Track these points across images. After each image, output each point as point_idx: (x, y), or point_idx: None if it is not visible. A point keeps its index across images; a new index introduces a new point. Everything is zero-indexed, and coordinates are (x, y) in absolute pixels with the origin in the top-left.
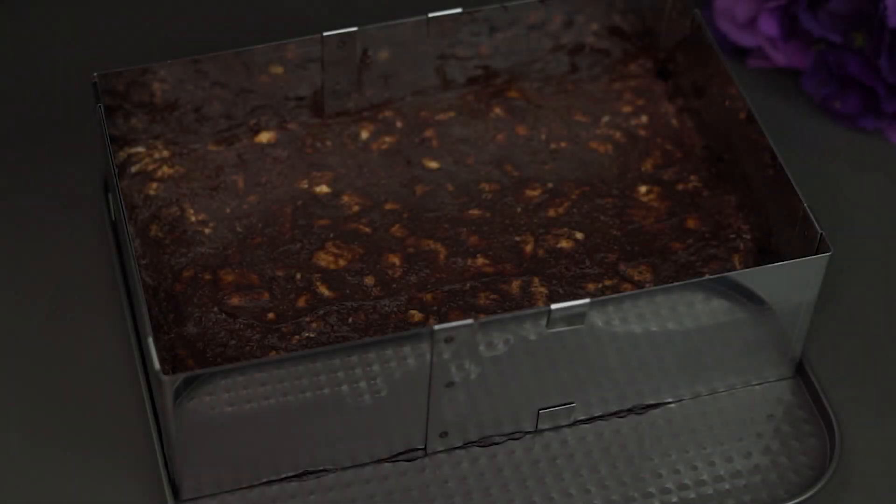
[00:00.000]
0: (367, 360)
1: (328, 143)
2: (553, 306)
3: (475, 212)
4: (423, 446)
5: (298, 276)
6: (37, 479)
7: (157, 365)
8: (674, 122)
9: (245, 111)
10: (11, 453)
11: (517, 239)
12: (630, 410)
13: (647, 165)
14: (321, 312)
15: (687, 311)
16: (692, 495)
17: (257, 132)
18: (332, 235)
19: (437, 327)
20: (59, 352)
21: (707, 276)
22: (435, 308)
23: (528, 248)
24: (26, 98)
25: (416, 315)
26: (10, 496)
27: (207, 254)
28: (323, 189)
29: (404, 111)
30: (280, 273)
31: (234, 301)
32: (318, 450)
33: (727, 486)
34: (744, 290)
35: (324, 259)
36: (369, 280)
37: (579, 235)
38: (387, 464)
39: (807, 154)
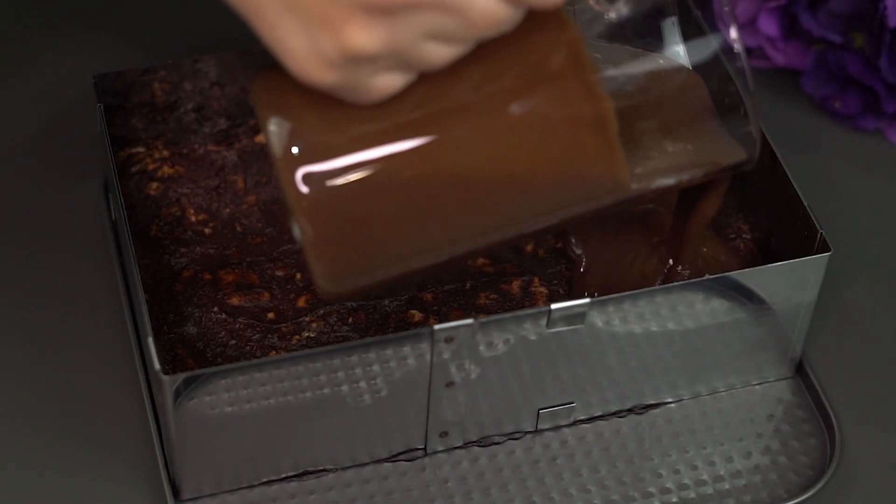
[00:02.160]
0: (367, 360)
1: None
2: (553, 306)
3: None
4: (423, 446)
5: (298, 276)
6: (36, 479)
7: (157, 365)
8: None
9: (245, 111)
10: (11, 453)
11: None
12: (630, 410)
13: None
14: (321, 312)
15: (687, 311)
16: (692, 495)
17: (257, 132)
18: None
19: (437, 327)
20: (58, 352)
21: (707, 276)
22: (435, 308)
23: (528, 247)
24: (26, 98)
25: (416, 315)
26: (10, 496)
27: (207, 254)
28: None
29: None
30: (280, 273)
31: (234, 301)
32: (318, 450)
33: (727, 486)
34: (744, 290)
35: None
36: None
37: None
38: (387, 464)
39: (807, 154)
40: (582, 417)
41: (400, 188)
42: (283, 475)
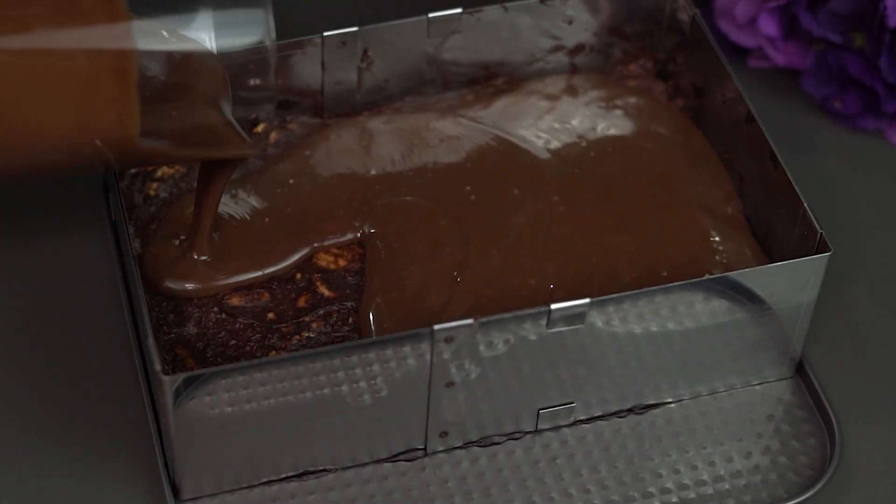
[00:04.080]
0: (367, 360)
1: None
2: (553, 306)
3: None
4: (423, 446)
5: (298, 276)
6: (37, 479)
7: (157, 365)
8: None
9: (245, 111)
10: (11, 453)
11: None
12: (630, 410)
13: None
14: (321, 312)
15: (687, 311)
16: (692, 495)
17: (255, 129)
18: None
19: (437, 327)
20: (58, 352)
21: (707, 276)
22: None
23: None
24: None
25: None
26: (10, 496)
27: None
28: None
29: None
30: (280, 273)
31: (234, 301)
32: (318, 450)
33: (727, 486)
34: (744, 290)
35: (324, 259)
36: None
37: None
38: (387, 464)
39: (807, 154)
40: (582, 417)
41: None
42: (283, 475)
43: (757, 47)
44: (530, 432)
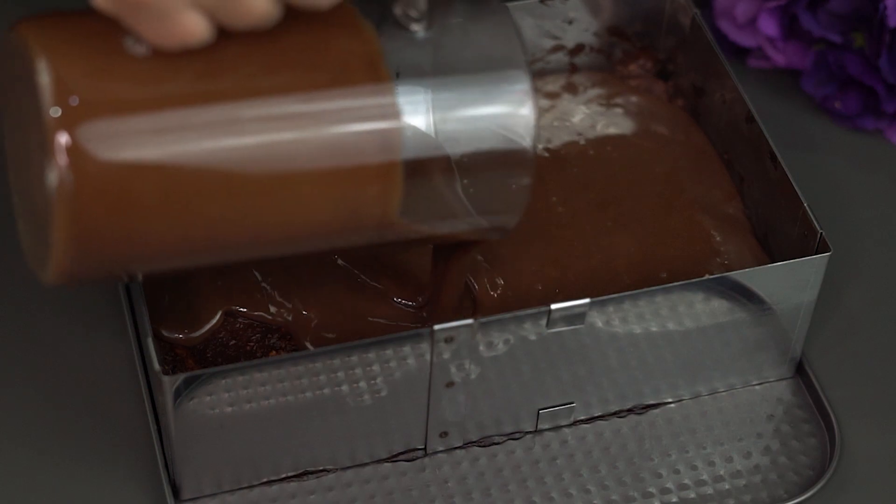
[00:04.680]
0: (367, 360)
1: None
2: (553, 306)
3: None
4: (423, 446)
5: None
6: (36, 479)
7: (157, 365)
8: None
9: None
10: (11, 453)
11: None
12: (630, 410)
13: None
14: None
15: (687, 311)
16: (692, 495)
17: None
18: None
19: (437, 327)
20: (58, 352)
21: (707, 276)
22: None
23: None
24: None
25: None
26: (10, 496)
27: None
28: None
29: None
30: None
31: None
32: (318, 450)
33: (727, 486)
34: (744, 290)
35: None
36: None
37: None
38: (387, 464)
39: (807, 154)
40: (582, 417)
41: (175, 169)
42: (283, 475)
43: (757, 47)
44: (530, 432)
